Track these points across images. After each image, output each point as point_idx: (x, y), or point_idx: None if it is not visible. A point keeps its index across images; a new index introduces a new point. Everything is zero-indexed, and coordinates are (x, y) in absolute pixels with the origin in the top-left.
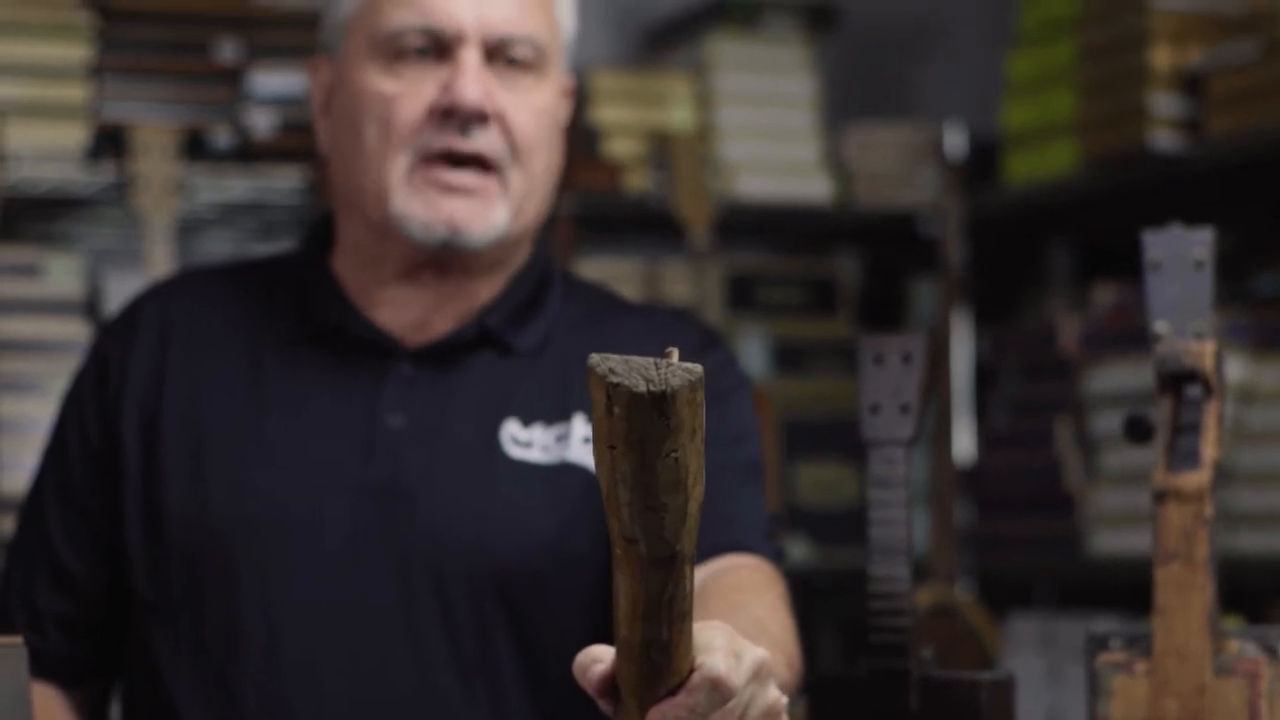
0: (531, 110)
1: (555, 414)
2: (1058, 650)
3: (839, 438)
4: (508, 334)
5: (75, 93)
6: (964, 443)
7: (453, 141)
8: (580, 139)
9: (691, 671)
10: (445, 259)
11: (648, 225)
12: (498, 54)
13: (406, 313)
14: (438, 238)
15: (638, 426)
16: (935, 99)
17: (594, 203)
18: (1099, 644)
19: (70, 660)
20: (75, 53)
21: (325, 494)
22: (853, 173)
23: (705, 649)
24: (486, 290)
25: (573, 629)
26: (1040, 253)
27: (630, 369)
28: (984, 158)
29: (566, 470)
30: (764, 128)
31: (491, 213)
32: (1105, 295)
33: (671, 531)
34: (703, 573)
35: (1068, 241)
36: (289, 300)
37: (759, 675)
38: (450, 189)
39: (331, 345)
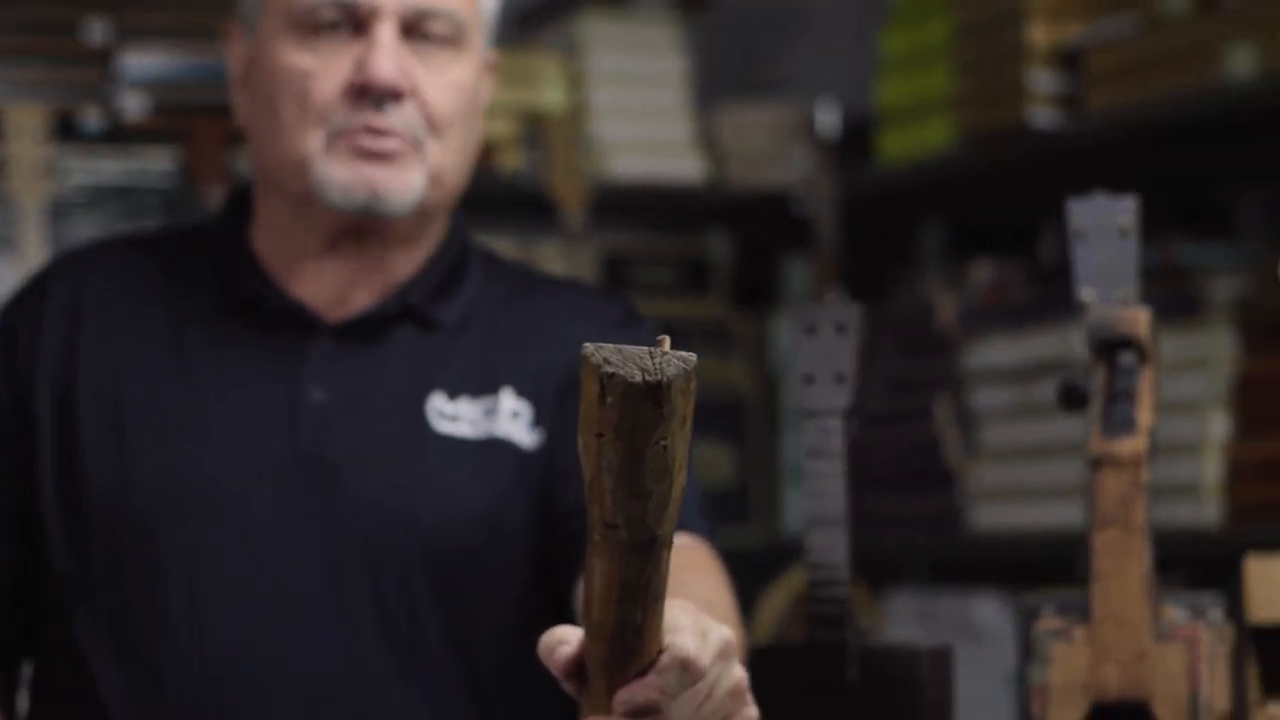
0: (449, 86)
1: (482, 388)
2: (937, 625)
3: (716, 418)
4: (429, 309)
5: None
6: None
7: (368, 119)
8: None
9: (660, 652)
10: (364, 227)
11: (521, 205)
12: (414, 28)
13: (325, 287)
14: (358, 202)
15: (630, 415)
16: (807, 78)
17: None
18: (1031, 613)
19: None
20: None
21: (250, 468)
22: (725, 152)
23: (672, 629)
24: (403, 265)
25: (501, 604)
26: (915, 231)
27: (625, 358)
28: (858, 136)
29: (495, 445)
30: (636, 108)
31: (410, 179)
32: (982, 272)
33: (654, 517)
34: None
35: (944, 219)
36: (206, 273)
37: (725, 654)
38: (370, 155)
39: (250, 319)
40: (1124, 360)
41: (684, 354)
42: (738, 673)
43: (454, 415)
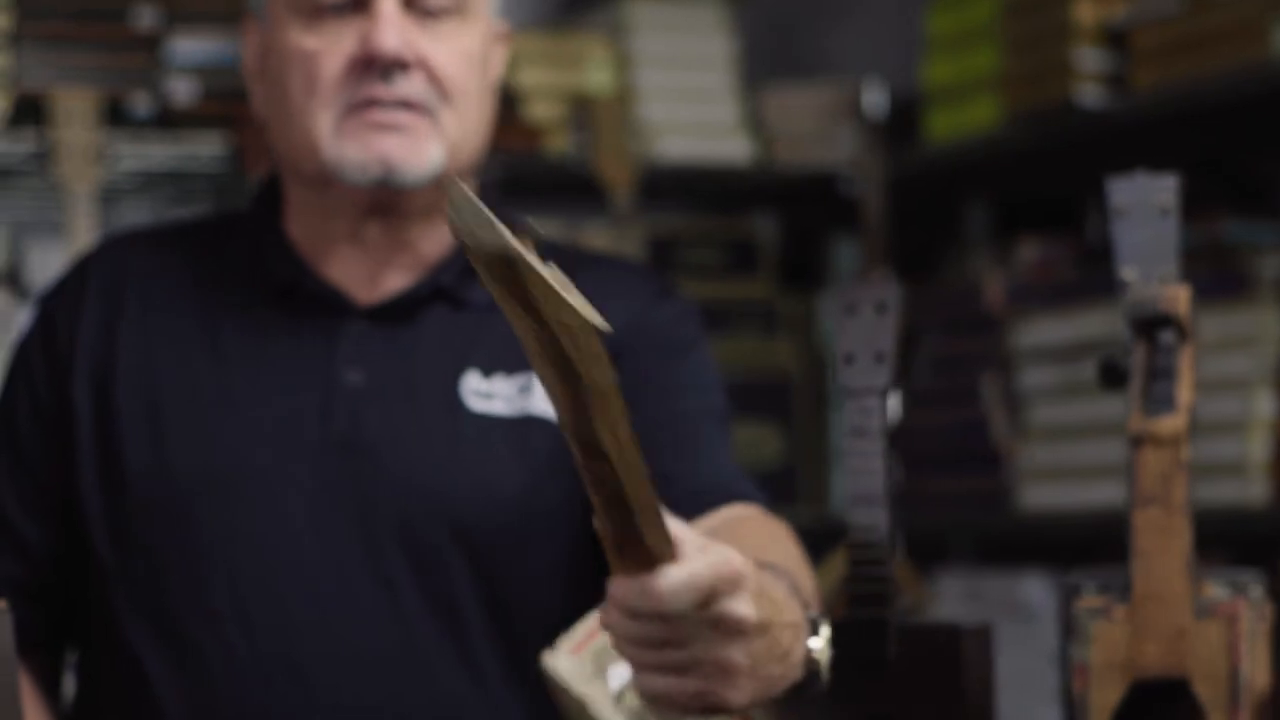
0: (456, 54)
1: (516, 365)
2: (984, 606)
3: (762, 398)
4: (460, 289)
5: None
6: (889, 401)
7: (376, 91)
8: (500, 102)
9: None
10: (385, 201)
11: (568, 188)
12: (416, 1)
13: (357, 269)
14: (373, 176)
15: (492, 280)
16: (854, 58)
17: (514, 166)
18: (1073, 591)
19: (24, 626)
20: None
21: (288, 450)
22: (772, 133)
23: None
24: (433, 243)
25: (542, 580)
26: (962, 210)
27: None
28: (904, 116)
29: (530, 423)
30: (683, 89)
31: (425, 148)
32: (1029, 250)
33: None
34: (709, 524)
35: (990, 198)
36: (241, 259)
37: (725, 585)
38: (381, 126)
39: (285, 303)
40: (1164, 338)
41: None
42: (738, 608)
43: (488, 393)
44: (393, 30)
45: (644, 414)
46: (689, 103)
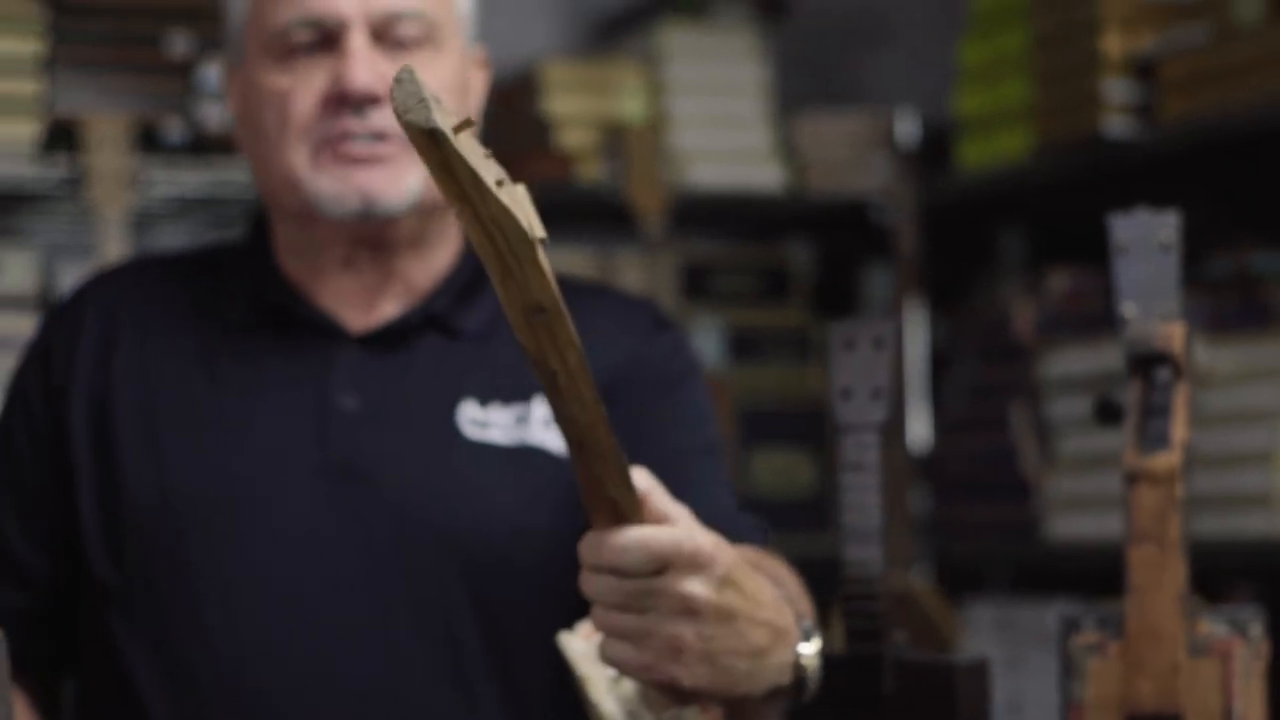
0: (430, 83)
1: (513, 394)
2: (1016, 635)
3: (794, 425)
4: (452, 317)
5: (26, 87)
6: (919, 429)
7: (349, 125)
8: (532, 130)
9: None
10: (368, 234)
11: (600, 215)
12: (386, 34)
13: (349, 298)
14: (352, 209)
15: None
16: (887, 86)
17: (547, 193)
18: (1072, 626)
19: (25, 655)
20: (26, 46)
21: (284, 475)
22: (805, 161)
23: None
24: (424, 271)
25: (538, 610)
26: (993, 239)
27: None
28: (937, 145)
29: (527, 452)
30: (715, 116)
31: (402, 178)
32: (1059, 280)
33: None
34: None
35: (1021, 227)
36: (235, 287)
37: (689, 561)
38: (356, 160)
39: (279, 330)
40: (1159, 375)
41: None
42: (693, 588)
43: (485, 422)
44: (363, 66)
45: (639, 452)
46: (722, 130)
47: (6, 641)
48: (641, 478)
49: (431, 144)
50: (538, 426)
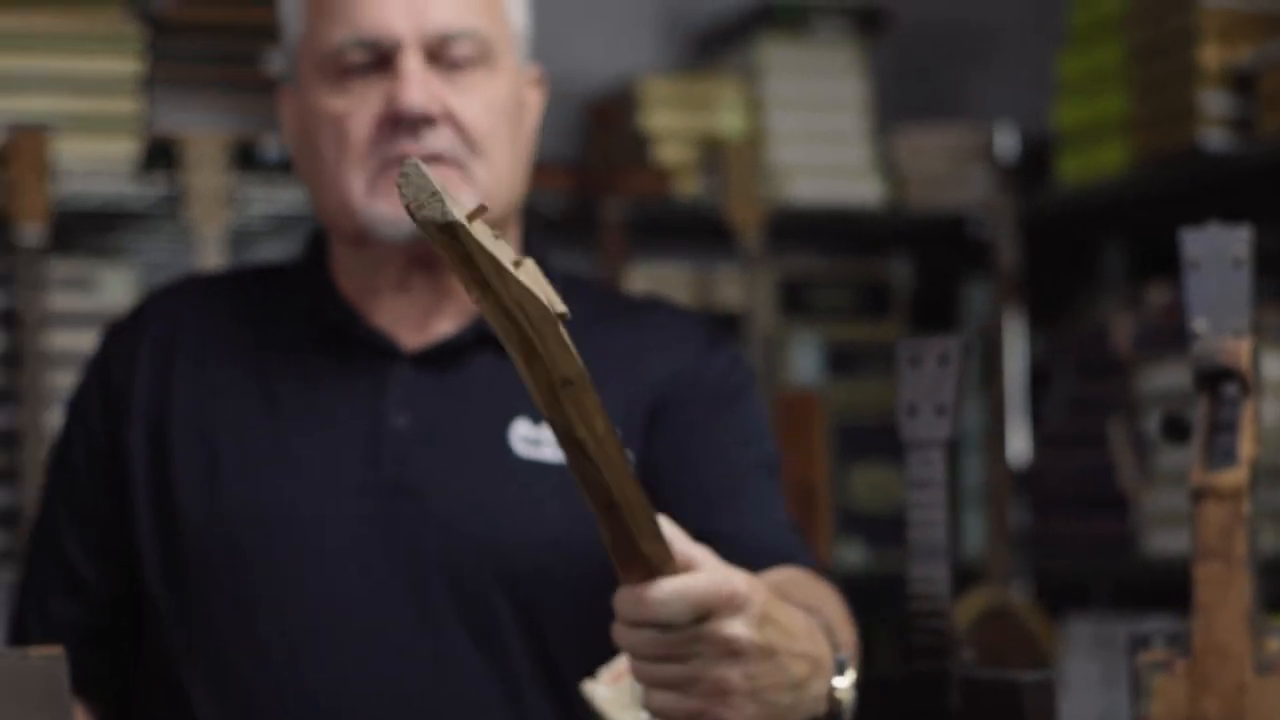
0: (483, 105)
1: None
2: (1113, 652)
3: (892, 440)
4: None
5: (126, 105)
6: (1019, 444)
7: (406, 147)
8: (630, 145)
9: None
10: (424, 254)
11: (699, 230)
12: (440, 54)
13: (405, 316)
14: (407, 231)
15: (439, 247)
16: (985, 100)
17: (644, 208)
18: (1141, 643)
19: (83, 668)
20: (125, 65)
21: (337, 494)
22: (904, 175)
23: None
24: None
25: (585, 625)
26: (1093, 253)
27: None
28: (1035, 159)
29: None
30: (814, 131)
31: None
32: (1158, 295)
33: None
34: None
35: (1120, 241)
36: (291, 306)
37: (727, 605)
38: None
39: (334, 349)
40: (1227, 391)
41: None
42: (735, 630)
43: (537, 440)
44: (418, 87)
45: (694, 469)
46: (821, 145)
47: (66, 657)
48: (663, 526)
49: (450, 239)
50: None
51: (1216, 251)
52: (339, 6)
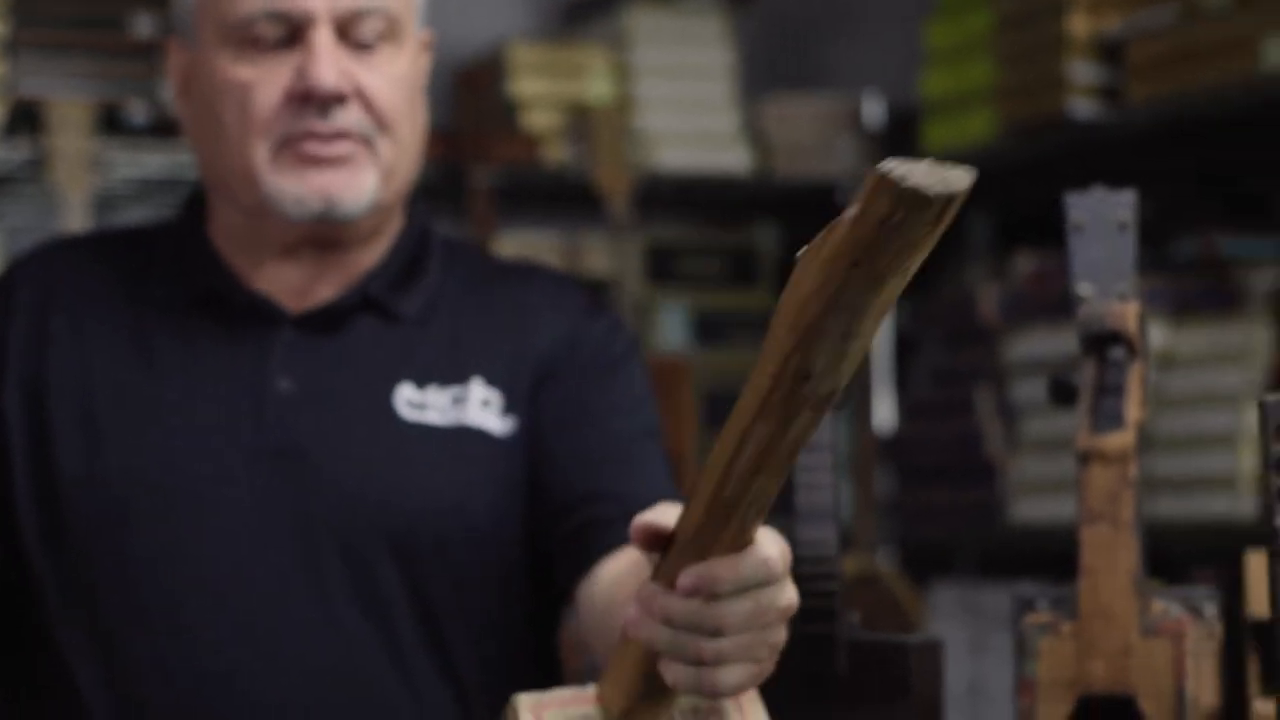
0: (391, 81)
1: (451, 377)
2: (980, 618)
3: None
4: (390, 301)
5: None
6: (885, 412)
7: (313, 124)
8: (498, 112)
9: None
10: (322, 233)
11: (567, 198)
12: (350, 30)
13: (287, 281)
14: (312, 211)
15: (906, 233)
16: (853, 70)
17: (513, 175)
18: (1025, 605)
19: None
20: None
21: (219, 459)
22: (771, 144)
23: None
24: (365, 256)
25: (476, 593)
26: (960, 221)
27: (916, 172)
28: (903, 127)
29: (464, 433)
30: (683, 99)
31: (362, 180)
32: (1025, 263)
33: (849, 366)
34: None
35: (987, 210)
36: (168, 268)
37: (788, 571)
38: (318, 161)
39: (214, 312)
40: (1113, 355)
41: (960, 170)
42: (791, 594)
43: (422, 404)
44: (329, 64)
45: (578, 434)
46: (689, 113)
47: None
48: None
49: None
50: (475, 407)
51: (1100, 216)
52: None
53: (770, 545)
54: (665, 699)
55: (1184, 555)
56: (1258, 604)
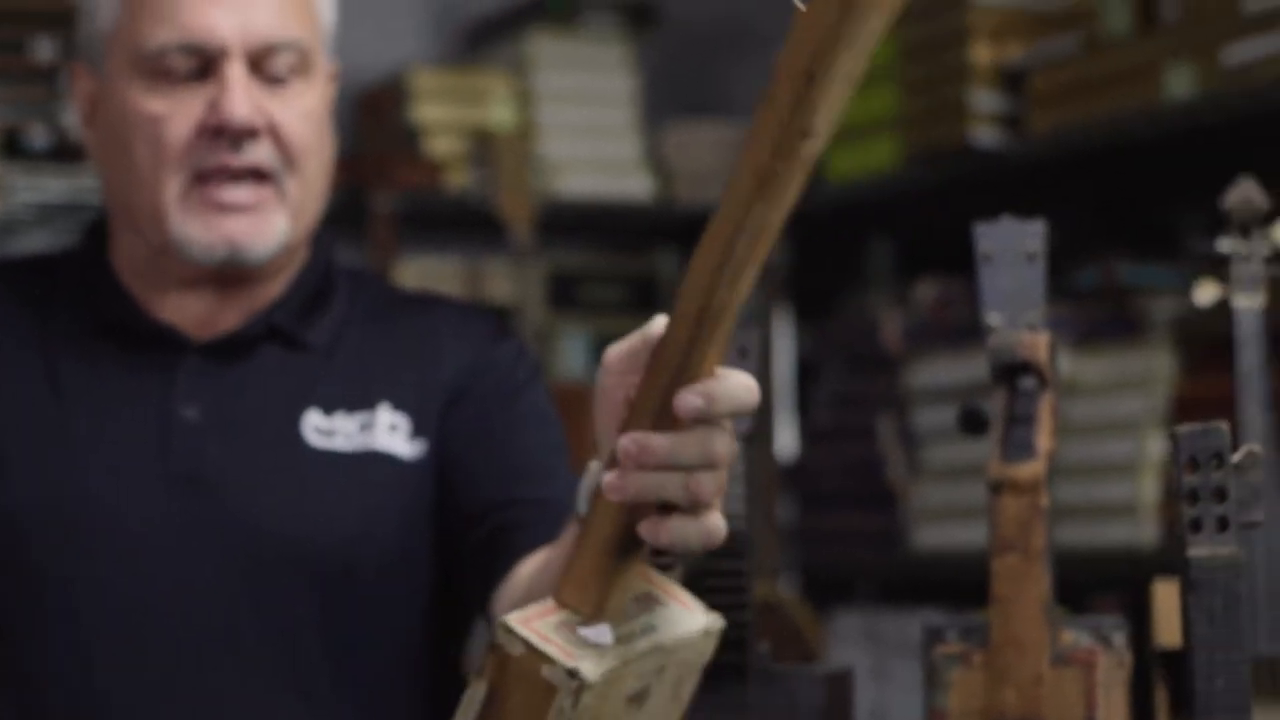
0: (301, 117)
1: (358, 403)
2: (882, 645)
3: None
4: (296, 330)
5: None
6: (786, 438)
7: (225, 158)
8: (400, 137)
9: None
10: (227, 273)
11: (469, 224)
12: (262, 63)
13: (191, 311)
14: (218, 257)
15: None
16: (753, 96)
17: (415, 201)
18: (935, 636)
19: None
20: None
21: (125, 488)
22: (672, 170)
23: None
24: (270, 289)
25: (381, 615)
26: (862, 249)
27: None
28: None
29: (371, 458)
30: (584, 126)
31: (271, 225)
32: (927, 290)
33: (804, 160)
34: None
35: (889, 238)
36: (72, 296)
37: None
38: (226, 207)
39: (118, 340)
40: (1024, 385)
41: None
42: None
43: (330, 430)
44: (243, 98)
45: (491, 449)
46: (591, 139)
47: None
48: None
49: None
50: (383, 432)
51: (1010, 245)
52: (161, 6)
53: (735, 373)
54: (624, 586)
55: (1084, 583)
56: (1167, 633)
